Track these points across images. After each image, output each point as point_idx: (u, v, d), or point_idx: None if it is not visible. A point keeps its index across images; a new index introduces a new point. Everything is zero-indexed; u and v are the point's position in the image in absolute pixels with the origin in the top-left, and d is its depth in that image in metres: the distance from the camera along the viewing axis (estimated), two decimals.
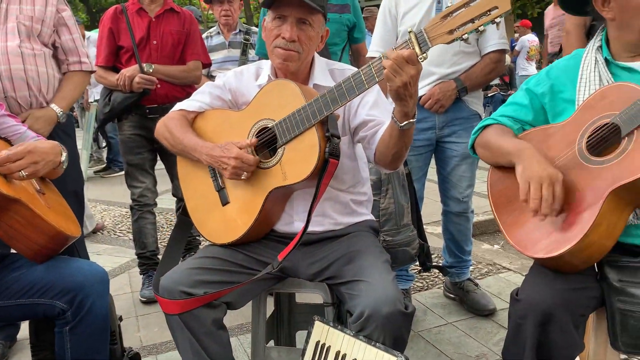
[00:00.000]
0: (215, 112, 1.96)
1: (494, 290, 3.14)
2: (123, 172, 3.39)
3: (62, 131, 2.49)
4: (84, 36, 6.22)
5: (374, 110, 1.86)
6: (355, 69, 1.95)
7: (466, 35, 1.53)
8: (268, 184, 1.80)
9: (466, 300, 2.92)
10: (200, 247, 3.58)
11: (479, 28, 1.51)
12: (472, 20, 1.51)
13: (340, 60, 3.12)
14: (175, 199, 3.45)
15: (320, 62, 1.96)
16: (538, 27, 10.40)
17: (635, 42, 1.61)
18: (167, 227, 4.78)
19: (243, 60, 3.99)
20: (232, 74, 2.01)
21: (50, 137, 2.34)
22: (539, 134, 1.72)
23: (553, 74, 1.78)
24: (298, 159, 1.75)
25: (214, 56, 3.77)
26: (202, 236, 1.95)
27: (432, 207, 3.70)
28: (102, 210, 5.43)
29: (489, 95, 9.24)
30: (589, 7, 1.69)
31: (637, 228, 1.57)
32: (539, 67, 11.78)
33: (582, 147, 1.57)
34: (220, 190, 1.90)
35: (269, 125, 1.82)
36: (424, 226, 2.34)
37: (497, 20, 1.51)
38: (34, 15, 2.38)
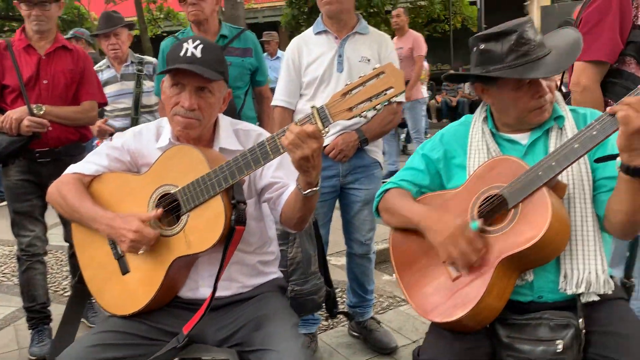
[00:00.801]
0: (113, 175, 1.88)
1: (395, 325, 3.26)
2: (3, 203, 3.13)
3: None
4: None
5: (280, 172, 1.88)
6: (259, 130, 1.97)
7: (365, 112, 1.60)
8: (171, 252, 1.75)
9: (369, 339, 3.01)
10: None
11: (377, 107, 1.59)
12: (369, 99, 1.59)
13: (244, 104, 3.13)
14: (68, 244, 3.26)
15: (224, 123, 1.94)
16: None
17: (513, 124, 1.79)
18: (57, 267, 4.48)
19: (137, 92, 3.87)
20: (130, 134, 1.94)
21: None
22: (436, 199, 1.84)
23: (445, 140, 1.92)
24: (203, 227, 1.73)
25: (107, 90, 3.63)
26: (101, 307, 1.86)
27: (337, 236, 3.72)
28: None
29: None
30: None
31: (523, 287, 1.70)
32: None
33: (474, 216, 1.69)
34: (120, 258, 1.83)
35: (171, 192, 1.77)
36: (329, 257, 2.39)
37: (393, 100, 1.59)
38: None
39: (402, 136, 8.91)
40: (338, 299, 3.33)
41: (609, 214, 1.62)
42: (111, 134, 3.62)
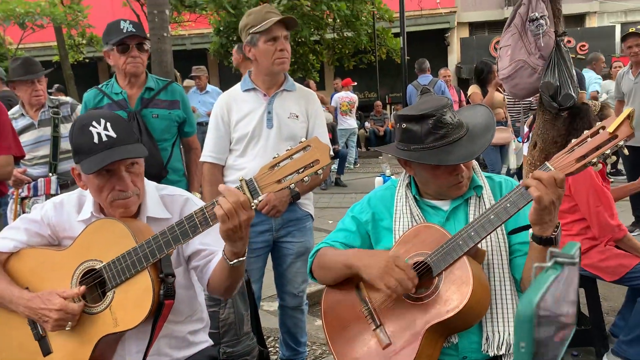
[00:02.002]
0: (33, 251, 1.80)
1: None
2: None
3: None
4: None
5: (207, 238, 1.85)
6: (185, 195, 1.94)
7: (293, 185, 1.62)
8: (97, 330, 1.69)
9: None
10: None
11: (304, 179, 1.62)
12: (297, 171, 1.61)
13: (171, 155, 3.11)
14: None
15: (150, 189, 1.89)
16: (352, 80, 11.27)
17: (433, 194, 1.89)
18: None
19: (55, 136, 3.69)
20: (50, 206, 1.86)
21: None
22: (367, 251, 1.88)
23: (372, 203, 1.98)
24: (130, 303, 1.68)
25: (23, 139, 3.44)
26: None
27: (269, 279, 3.68)
28: None
29: None
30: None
31: (449, 349, 1.78)
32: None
33: None
34: (41, 339, 1.74)
35: (96, 267, 1.71)
36: (261, 302, 2.36)
37: (319, 172, 1.63)
38: None
39: (333, 166, 9.03)
40: (271, 348, 3.30)
41: (525, 276, 1.72)
42: (28, 183, 3.45)
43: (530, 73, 3.25)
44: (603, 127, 1.55)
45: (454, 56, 16.98)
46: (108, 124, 1.71)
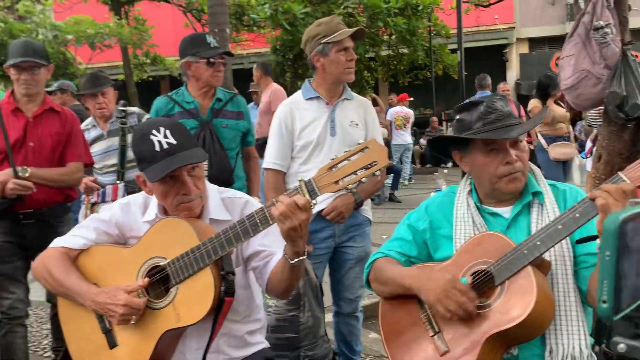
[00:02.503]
0: (101, 248, 1.88)
1: None
2: None
3: None
4: None
5: (266, 240, 1.89)
6: (245, 198, 1.99)
7: (351, 185, 1.64)
8: (160, 325, 1.75)
9: None
10: None
11: (362, 180, 1.64)
12: (355, 172, 1.63)
13: (236, 163, 3.23)
14: (50, 304, 3.21)
15: (212, 193, 1.95)
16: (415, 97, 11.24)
17: (488, 192, 1.85)
18: (37, 325, 4.38)
19: (123, 145, 3.86)
20: (118, 207, 1.94)
21: None
22: (424, 270, 1.84)
23: (430, 210, 1.96)
24: (192, 299, 1.73)
25: (94, 149, 3.63)
26: None
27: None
28: None
29: None
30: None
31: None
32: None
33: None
34: (108, 332, 1.81)
35: (160, 264, 1.78)
36: None
37: (377, 173, 1.64)
38: None
39: (387, 181, 9.00)
40: None
41: (591, 288, 1.65)
42: (97, 190, 3.63)
43: (595, 83, 3.16)
44: None
45: (513, 72, 16.63)
46: (167, 132, 1.77)
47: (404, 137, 10.53)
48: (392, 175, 9.07)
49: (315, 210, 2.62)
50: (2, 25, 12.47)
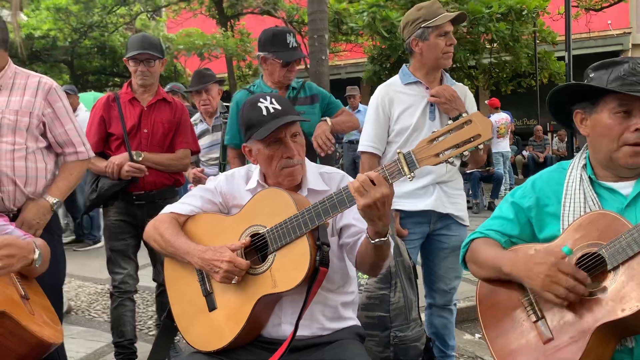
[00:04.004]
0: (206, 216, 1.98)
1: None
2: (97, 245, 3.34)
3: (44, 229, 2.46)
4: (76, 106, 6.27)
5: (359, 215, 1.90)
6: (341, 173, 2.02)
7: (452, 159, 1.60)
8: (257, 290, 1.80)
9: None
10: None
11: (464, 153, 1.59)
12: (456, 146, 1.59)
13: None
14: (156, 283, 3.41)
15: (311, 167, 2.01)
16: (508, 105, 10.81)
17: (604, 161, 1.69)
18: (144, 306, 4.67)
19: (223, 139, 4.05)
20: (223, 178, 2.05)
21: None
22: (527, 251, 1.71)
23: (538, 186, 1.82)
24: (289, 266, 1.77)
25: (201, 142, 3.86)
26: (186, 342, 1.92)
27: None
28: (76, 287, 5.29)
29: (467, 172, 9.45)
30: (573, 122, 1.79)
31: (621, 352, 1.58)
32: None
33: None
34: (208, 295, 1.89)
35: (260, 232, 1.84)
36: None
37: (480, 147, 1.59)
38: (20, 109, 2.39)
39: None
40: None
41: None
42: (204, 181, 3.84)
43: None
44: None
45: None
46: (273, 100, 1.91)
47: (503, 145, 10.14)
48: (493, 183, 8.75)
49: (412, 187, 2.58)
50: (122, 40, 13.60)
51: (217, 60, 13.48)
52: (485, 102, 11.33)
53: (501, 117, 10.16)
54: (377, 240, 1.67)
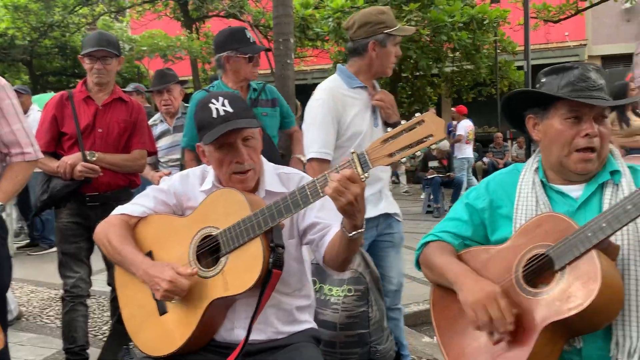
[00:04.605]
0: (158, 217, 1.93)
1: None
2: (52, 250, 3.24)
3: None
4: (28, 106, 6.06)
5: (322, 213, 1.88)
6: (301, 174, 2.00)
7: (404, 158, 1.61)
8: (209, 294, 1.76)
9: None
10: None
11: (416, 153, 1.60)
12: (409, 146, 1.59)
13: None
14: (110, 287, 3.32)
15: (268, 167, 1.98)
16: (469, 113, 11.02)
17: (555, 166, 1.71)
18: (99, 311, 4.54)
19: None
20: (177, 178, 2.00)
21: None
22: (480, 255, 1.75)
23: (491, 188, 1.84)
24: (241, 269, 1.74)
25: (160, 143, 3.79)
26: (136, 347, 1.86)
27: None
28: (28, 292, 5.11)
29: (428, 177, 9.56)
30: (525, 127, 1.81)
31: (570, 353, 1.60)
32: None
33: (519, 275, 1.61)
34: (159, 299, 1.84)
35: (212, 233, 1.80)
36: None
37: (433, 147, 1.60)
38: None
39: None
40: None
41: None
42: None
43: None
44: None
45: None
46: (225, 101, 1.84)
47: (468, 151, 10.34)
48: (453, 188, 8.89)
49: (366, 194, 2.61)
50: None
51: (182, 62, 13.31)
52: (453, 109, 11.52)
53: (468, 124, 10.35)
54: (354, 233, 1.65)
